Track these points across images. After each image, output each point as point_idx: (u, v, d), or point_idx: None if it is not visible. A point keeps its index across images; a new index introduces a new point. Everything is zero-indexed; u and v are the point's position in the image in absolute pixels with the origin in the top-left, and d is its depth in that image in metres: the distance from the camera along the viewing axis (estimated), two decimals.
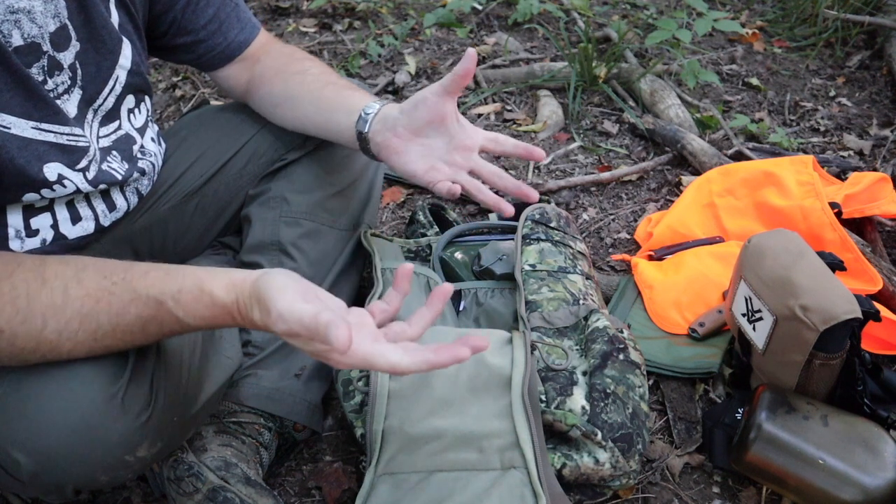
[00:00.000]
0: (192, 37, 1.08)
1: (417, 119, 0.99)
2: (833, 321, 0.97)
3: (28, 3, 0.83)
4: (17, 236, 0.92)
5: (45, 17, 0.86)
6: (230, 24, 1.11)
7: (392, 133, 1.00)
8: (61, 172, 0.91)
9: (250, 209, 1.16)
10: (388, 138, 1.00)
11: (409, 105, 0.99)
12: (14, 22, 0.82)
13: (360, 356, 0.72)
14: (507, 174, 1.01)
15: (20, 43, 0.83)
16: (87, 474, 0.80)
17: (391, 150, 1.01)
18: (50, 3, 0.86)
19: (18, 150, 0.85)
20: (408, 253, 1.28)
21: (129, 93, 1.01)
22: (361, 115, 1.02)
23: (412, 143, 1.01)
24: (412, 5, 2.51)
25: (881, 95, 2.01)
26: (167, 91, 2.10)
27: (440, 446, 0.93)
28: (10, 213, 0.91)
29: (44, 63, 0.87)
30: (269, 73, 1.13)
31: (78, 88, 0.93)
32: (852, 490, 0.94)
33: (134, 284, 0.78)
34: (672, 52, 2.13)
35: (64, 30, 0.89)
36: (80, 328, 0.76)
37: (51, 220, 0.95)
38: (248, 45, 1.13)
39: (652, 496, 1.06)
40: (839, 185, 1.50)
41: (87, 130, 0.94)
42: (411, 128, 1.00)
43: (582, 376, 1.05)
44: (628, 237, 1.54)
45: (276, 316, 0.72)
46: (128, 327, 0.78)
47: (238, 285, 0.77)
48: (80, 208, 0.98)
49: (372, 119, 1.01)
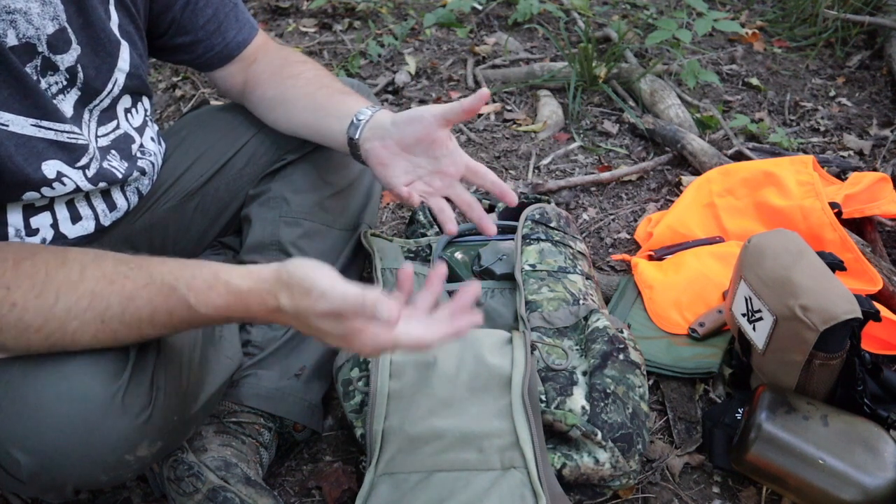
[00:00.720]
0: (191, 37, 1.08)
1: (409, 135, 1.00)
2: (833, 321, 0.97)
3: (25, 4, 0.84)
4: (17, 235, 0.92)
5: (42, 19, 0.86)
6: (228, 24, 1.11)
7: (381, 144, 1.01)
8: (60, 170, 0.91)
9: (250, 209, 1.16)
10: (377, 147, 1.01)
11: (403, 119, 1.00)
12: (10, 22, 0.83)
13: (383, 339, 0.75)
14: (478, 205, 1.04)
15: (14, 42, 0.84)
16: (87, 474, 0.80)
17: (377, 161, 1.02)
18: (48, 5, 0.86)
19: (16, 148, 0.85)
20: (408, 253, 1.28)
21: (126, 93, 1.01)
22: (353, 121, 1.03)
23: (399, 157, 1.02)
24: (412, 5, 2.51)
25: (881, 95, 2.01)
26: (167, 91, 2.10)
27: (440, 446, 0.93)
28: (10, 212, 0.91)
29: (37, 63, 0.87)
30: (265, 76, 1.13)
31: (76, 90, 0.93)
32: (852, 490, 0.94)
33: (150, 269, 0.79)
34: (672, 52, 2.13)
35: (63, 32, 0.89)
36: (90, 306, 0.77)
37: (50, 220, 0.95)
38: (246, 46, 1.13)
39: (652, 496, 1.06)
40: (839, 185, 1.50)
41: (84, 130, 0.95)
42: (401, 143, 1.01)
43: (582, 376, 1.05)
44: (628, 237, 1.54)
45: (319, 294, 0.74)
46: (137, 312, 0.78)
47: (256, 273, 0.78)
48: (81, 208, 0.98)
49: (363, 126, 1.02)
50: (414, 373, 0.96)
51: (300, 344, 1.12)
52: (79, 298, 0.76)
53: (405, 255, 1.27)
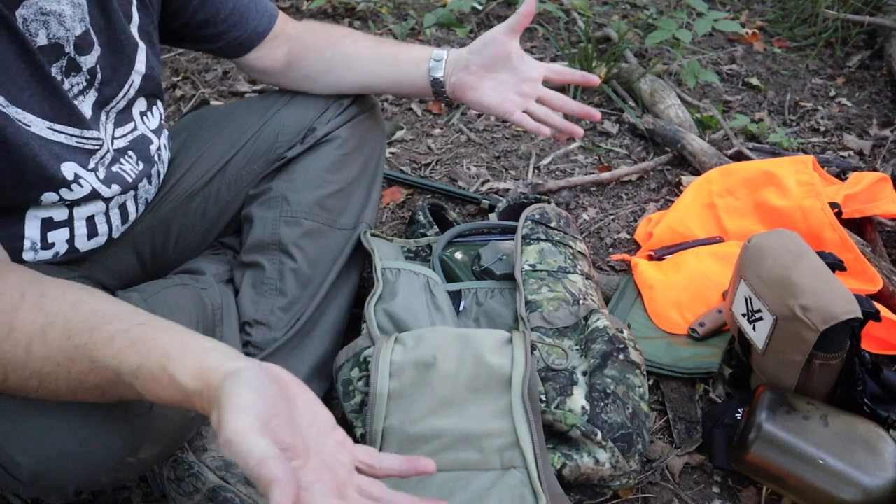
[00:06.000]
0: (213, 29, 1.11)
1: (488, 57, 1.13)
2: (833, 321, 0.97)
3: (58, 6, 0.85)
4: (32, 248, 0.93)
5: (73, 21, 0.87)
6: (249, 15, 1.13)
7: (466, 72, 1.14)
8: (77, 171, 0.92)
9: (251, 209, 1.16)
10: (463, 77, 1.14)
11: (478, 45, 1.13)
12: (43, 23, 0.84)
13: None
14: (571, 99, 1.17)
15: (44, 42, 0.85)
16: (88, 475, 0.79)
17: (466, 88, 1.14)
18: (78, 7, 0.88)
19: (39, 148, 0.86)
20: (408, 253, 1.28)
21: (141, 96, 1.02)
22: (433, 64, 1.14)
23: (484, 79, 1.14)
24: (412, 5, 2.51)
25: (881, 95, 2.01)
26: (167, 91, 2.10)
27: (440, 446, 0.93)
28: (29, 226, 0.92)
29: (62, 63, 0.88)
30: (312, 43, 1.17)
31: (94, 91, 0.93)
32: (852, 490, 0.94)
33: (94, 353, 0.70)
34: (672, 52, 2.13)
35: (87, 34, 0.90)
36: (41, 386, 0.72)
37: (68, 235, 0.96)
38: (268, 33, 1.16)
39: (652, 496, 1.06)
40: (839, 185, 1.50)
41: (102, 131, 0.95)
42: (483, 65, 1.13)
43: (582, 376, 1.05)
44: (628, 237, 1.54)
45: (224, 440, 0.60)
46: (87, 392, 0.72)
47: (208, 375, 0.65)
48: (99, 224, 1.00)
49: (444, 64, 1.14)
50: (414, 373, 0.96)
51: (300, 344, 1.12)
52: (28, 379, 0.72)
53: (405, 255, 1.27)
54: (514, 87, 1.15)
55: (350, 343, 1.09)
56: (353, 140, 1.18)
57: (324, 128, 1.17)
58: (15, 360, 0.71)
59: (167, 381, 0.67)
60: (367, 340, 1.06)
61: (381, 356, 0.97)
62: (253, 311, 1.11)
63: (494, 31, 1.12)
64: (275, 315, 1.11)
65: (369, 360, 1.03)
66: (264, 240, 1.14)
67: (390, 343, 0.98)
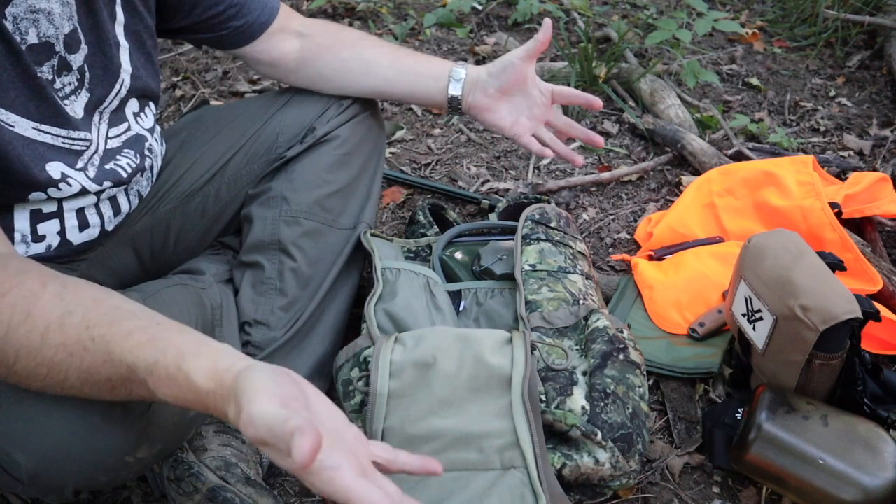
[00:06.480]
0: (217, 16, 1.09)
1: (505, 81, 1.18)
2: (833, 321, 0.97)
3: (47, 4, 0.85)
4: (23, 241, 0.93)
5: (62, 19, 0.87)
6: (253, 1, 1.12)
7: (483, 94, 1.19)
8: (64, 171, 0.91)
9: (251, 209, 1.16)
10: (480, 99, 1.19)
11: (496, 68, 1.18)
12: (33, 21, 0.84)
13: (339, 487, 0.61)
14: (577, 124, 1.26)
15: (34, 41, 0.84)
16: (87, 475, 0.80)
17: (482, 109, 1.20)
18: (66, 6, 0.87)
19: (23, 148, 0.86)
20: (408, 253, 1.28)
21: (133, 96, 1.02)
22: (452, 80, 1.18)
23: (500, 101, 1.20)
24: (412, 5, 2.51)
25: (881, 95, 2.01)
26: (167, 91, 2.10)
27: (440, 446, 0.93)
28: (18, 218, 0.91)
29: (54, 62, 0.88)
30: (327, 41, 1.18)
31: (85, 91, 0.93)
32: (852, 490, 0.94)
33: (111, 346, 0.71)
34: (672, 52, 2.13)
35: (75, 33, 0.90)
36: (49, 375, 0.73)
37: (58, 227, 0.95)
38: (273, 20, 1.15)
39: (652, 496, 1.06)
40: (839, 185, 1.50)
41: (94, 132, 0.95)
42: (500, 89, 1.18)
43: (582, 376, 1.05)
44: (628, 237, 1.54)
45: (246, 419, 0.62)
46: (96, 385, 0.73)
47: (220, 375, 0.67)
48: (90, 216, 0.99)
49: (464, 83, 1.19)
50: (414, 373, 0.95)
51: (300, 344, 1.12)
52: (38, 366, 0.72)
53: (405, 255, 1.27)
54: (526, 111, 1.21)
55: (350, 343, 1.09)
56: (353, 140, 1.18)
57: (324, 128, 1.16)
58: (29, 346, 0.72)
59: (182, 379, 0.68)
60: (367, 340, 1.06)
61: (381, 356, 0.97)
62: (252, 311, 1.11)
63: (512, 57, 1.16)
64: (274, 315, 1.11)
65: (369, 360, 1.03)
66: (264, 239, 1.14)
67: (390, 343, 0.98)
